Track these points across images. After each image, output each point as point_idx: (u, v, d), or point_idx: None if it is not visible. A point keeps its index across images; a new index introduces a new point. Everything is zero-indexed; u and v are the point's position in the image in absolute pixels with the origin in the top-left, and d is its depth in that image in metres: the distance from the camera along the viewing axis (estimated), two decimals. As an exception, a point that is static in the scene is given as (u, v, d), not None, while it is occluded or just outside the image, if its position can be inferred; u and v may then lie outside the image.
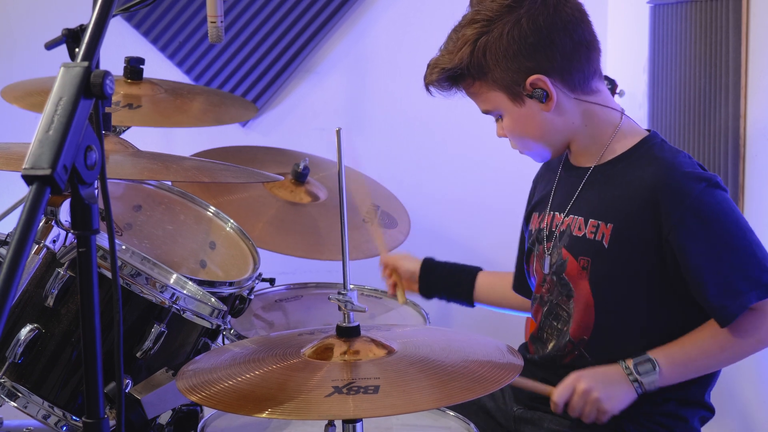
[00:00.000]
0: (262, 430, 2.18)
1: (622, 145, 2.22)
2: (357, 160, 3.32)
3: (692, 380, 2.20)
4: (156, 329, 2.15)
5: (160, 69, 3.73)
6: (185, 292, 2.24)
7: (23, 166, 1.22)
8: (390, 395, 1.65)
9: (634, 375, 2.11)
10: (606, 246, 2.16)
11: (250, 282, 2.53)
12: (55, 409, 2.12)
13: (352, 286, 1.87)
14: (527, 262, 2.41)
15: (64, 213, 2.19)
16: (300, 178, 3.08)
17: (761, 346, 2.17)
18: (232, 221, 2.72)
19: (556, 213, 2.31)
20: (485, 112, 2.27)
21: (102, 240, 2.09)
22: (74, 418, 2.13)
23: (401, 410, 1.68)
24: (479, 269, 2.68)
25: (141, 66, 3.04)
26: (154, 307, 2.16)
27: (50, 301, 2.11)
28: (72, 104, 1.26)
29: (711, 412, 2.27)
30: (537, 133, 2.22)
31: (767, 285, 2.09)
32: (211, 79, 3.85)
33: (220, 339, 2.43)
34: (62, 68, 1.29)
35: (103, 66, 1.34)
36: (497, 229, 3.84)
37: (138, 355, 2.15)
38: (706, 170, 2.16)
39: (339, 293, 1.85)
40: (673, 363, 2.13)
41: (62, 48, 2.44)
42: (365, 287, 3.07)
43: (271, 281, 2.94)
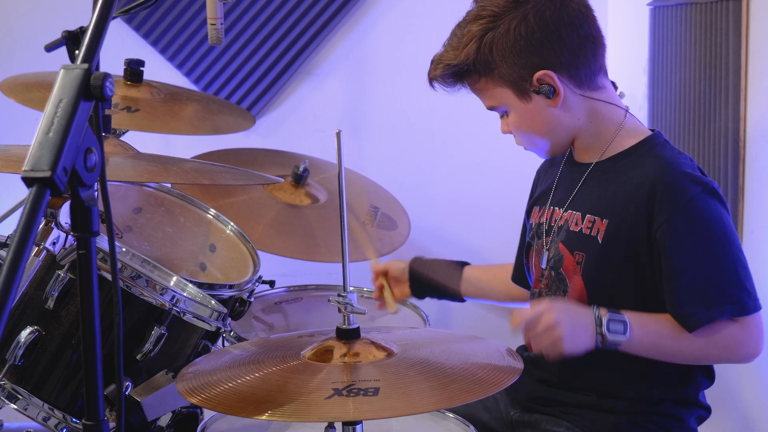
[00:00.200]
0: (262, 432, 2.18)
1: (625, 142, 2.21)
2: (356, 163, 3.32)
3: (686, 380, 2.20)
4: (156, 331, 2.15)
5: (160, 71, 3.73)
6: (185, 294, 2.24)
7: (23, 168, 1.22)
8: (390, 397, 1.65)
9: (602, 328, 2.05)
10: (600, 241, 2.16)
11: (250, 284, 2.54)
12: (55, 411, 2.12)
13: (352, 288, 1.87)
14: (526, 257, 2.41)
15: (64, 215, 2.19)
16: (300, 180, 3.08)
17: (728, 355, 2.14)
18: (232, 224, 2.72)
19: (556, 208, 2.30)
20: (490, 108, 2.25)
21: (102, 242, 2.10)
22: (74, 420, 2.13)
23: (401, 412, 1.67)
24: (466, 264, 2.68)
25: (141, 68, 3.04)
26: (154, 309, 2.17)
27: (50, 304, 2.11)
28: (72, 106, 1.26)
29: (708, 412, 2.27)
30: (543, 129, 2.21)
31: (742, 303, 2.06)
32: (210, 81, 3.85)
33: (220, 341, 2.43)
34: (62, 70, 1.29)
35: (103, 68, 1.34)
36: (497, 231, 3.84)
37: (138, 357, 2.15)
38: (706, 176, 2.14)
39: (339, 295, 1.85)
40: (643, 337, 2.08)
41: (62, 50, 2.44)
42: (365, 289, 3.07)
43: (271, 283, 2.94)
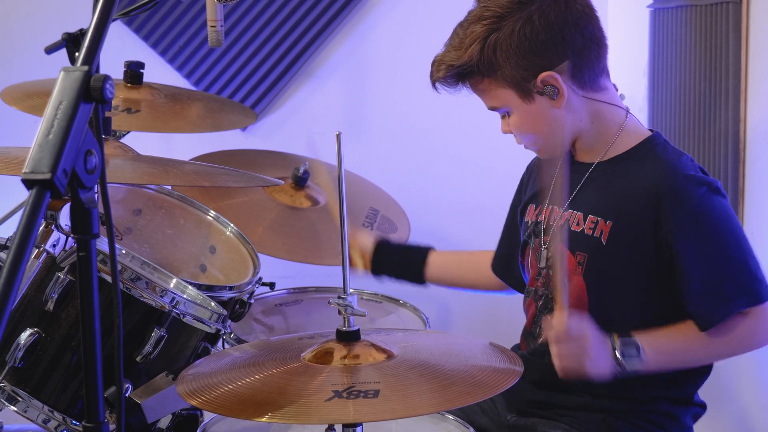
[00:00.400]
0: (262, 435, 2.18)
1: (625, 143, 2.22)
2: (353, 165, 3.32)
3: (682, 379, 2.20)
4: (156, 333, 2.15)
5: (159, 73, 3.73)
6: (185, 296, 2.24)
7: (23, 171, 1.22)
8: (390, 399, 1.65)
9: (618, 355, 2.06)
10: (604, 243, 2.16)
11: (250, 286, 2.53)
12: (55, 413, 2.12)
13: (352, 291, 1.87)
14: (522, 255, 2.40)
15: (64, 217, 2.19)
16: (300, 182, 3.08)
17: (743, 348, 2.16)
18: (232, 225, 2.72)
19: (555, 207, 2.30)
20: (491, 109, 2.25)
21: (102, 244, 2.10)
22: (74, 422, 2.13)
23: (401, 414, 1.68)
24: (431, 248, 2.69)
25: (141, 70, 3.03)
26: (154, 311, 2.16)
27: (50, 306, 2.11)
28: (72, 108, 1.26)
29: (703, 408, 2.28)
30: (545, 130, 2.21)
31: (756, 293, 2.08)
32: (210, 84, 3.85)
33: (220, 343, 2.43)
34: (62, 72, 1.29)
35: (103, 70, 1.34)
36: (497, 233, 3.83)
37: (138, 359, 2.15)
38: (708, 174, 2.16)
39: (339, 297, 1.85)
40: (658, 353, 2.09)
41: (62, 52, 2.44)
42: (365, 291, 3.07)
43: (271, 285, 2.94)
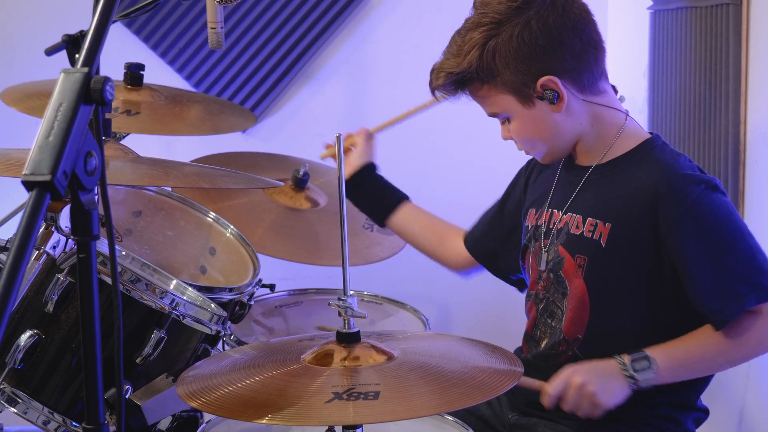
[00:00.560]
0: (262, 436, 2.18)
1: (624, 146, 2.22)
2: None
3: (683, 384, 2.19)
4: (156, 335, 2.15)
5: (160, 75, 3.73)
6: (185, 298, 2.24)
7: (23, 172, 1.22)
8: (390, 401, 1.65)
9: (629, 371, 2.08)
10: (603, 245, 2.16)
11: (250, 288, 2.53)
12: (55, 414, 2.12)
13: (352, 292, 1.87)
14: (523, 259, 2.41)
15: (64, 219, 2.19)
16: (300, 184, 3.08)
17: (761, 349, 2.15)
18: (232, 227, 2.72)
19: (555, 210, 2.30)
20: (491, 115, 2.25)
21: (102, 246, 2.09)
22: (74, 423, 2.13)
23: (401, 416, 1.67)
24: (406, 198, 2.73)
25: (141, 72, 3.03)
26: (154, 312, 2.16)
27: (50, 307, 2.11)
28: (72, 110, 1.26)
29: (705, 414, 2.28)
30: (546, 135, 2.21)
31: (767, 288, 2.08)
32: (211, 85, 3.85)
33: (220, 345, 2.43)
34: (62, 74, 1.29)
35: (103, 72, 1.34)
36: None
37: (138, 360, 2.15)
38: (706, 173, 2.15)
39: (339, 299, 1.85)
40: (671, 361, 2.10)
41: (62, 54, 2.44)
42: (365, 293, 3.07)
43: (271, 287, 2.94)
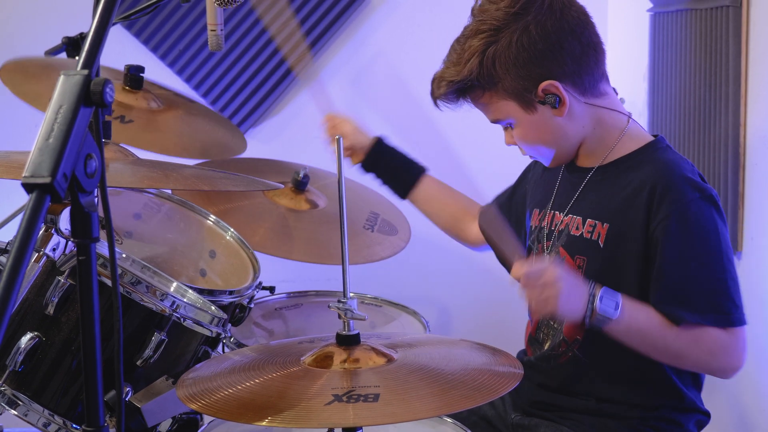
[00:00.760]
0: (261, 439, 2.18)
1: (626, 147, 2.22)
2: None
3: (685, 387, 2.20)
4: (156, 337, 2.15)
5: (160, 77, 3.72)
6: (185, 300, 2.24)
7: (23, 174, 1.22)
8: (390, 403, 1.65)
9: (595, 301, 2.04)
10: (601, 245, 2.16)
11: (250, 290, 2.53)
12: (56, 417, 2.12)
13: (351, 295, 1.87)
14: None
15: (64, 221, 2.19)
16: (300, 186, 3.08)
17: (711, 360, 2.11)
18: (232, 230, 2.72)
19: (557, 212, 2.31)
20: (494, 122, 2.25)
21: (102, 248, 2.09)
22: (74, 426, 2.13)
23: (401, 418, 1.67)
24: (426, 169, 2.72)
25: (141, 74, 3.03)
26: (154, 315, 2.16)
27: (50, 309, 2.11)
28: (72, 112, 1.26)
29: (707, 417, 2.27)
30: (550, 139, 2.21)
31: (728, 314, 2.05)
32: (211, 88, 3.86)
33: (220, 347, 2.43)
34: (62, 76, 1.29)
35: (103, 74, 1.34)
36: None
37: (138, 363, 2.15)
38: (706, 182, 2.14)
39: (339, 301, 1.85)
40: (632, 321, 2.06)
41: (62, 56, 2.44)
42: (365, 295, 3.07)
43: (271, 289, 2.94)
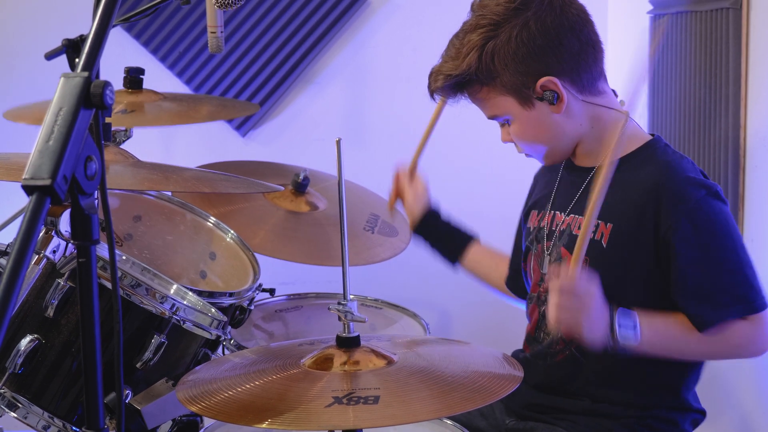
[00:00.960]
0: (262, 441, 2.18)
1: (625, 147, 2.22)
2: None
3: (681, 385, 2.20)
4: (156, 340, 2.15)
5: (160, 79, 3.73)
6: (185, 302, 2.24)
7: (23, 177, 1.22)
8: (390, 406, 1.65)
9: (615, 331, 2.04)
10: (605, 246, 2.16)
11: (250, 292, 2.53)
12: (55, 419, 2.12)
13: (352, 297, 1.87)
14: (524, 261, 2.40)
15: (64, 223, 2.19)
16: (300, 188, 3.08)
17: (739, 352, 2.18)
18: (232, 232, 2.72)
19: (557, 212, 2.30)
20: (491, 118, 2.25)
21: (102, 250, 2.09)
22: (74, 428, 2.13)
23: (401, 420, 1.68)
24: (476, 237, 2.69)
25: (141, 76, 3.04)
26: (154, 317, 2.16)
27: (50, 312, 2.11)
28: (72, 114, 1.26)
29: (702, 415, 2.27)
30: (546, 136, 2.21)
31: (752, 302, 2.08)
32: (211, 90, 3.86)
33: (220, 349, 2.43)
34: (62, 78, 1.30)
35: (103, 76, 1.34)
36: (498, 239, 3.82)
37: (138, 365, 2.14)
38: (708, 178, 2.16)
39: (339, 303, 1.85)
40: (652, 339, 2.07)
41: (62, 58, 2.44)
42: (365, 298, 3.07)
43: (271, 291, 2.94)
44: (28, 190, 1.22)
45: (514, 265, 2.53)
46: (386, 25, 3.84)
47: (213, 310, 2.32)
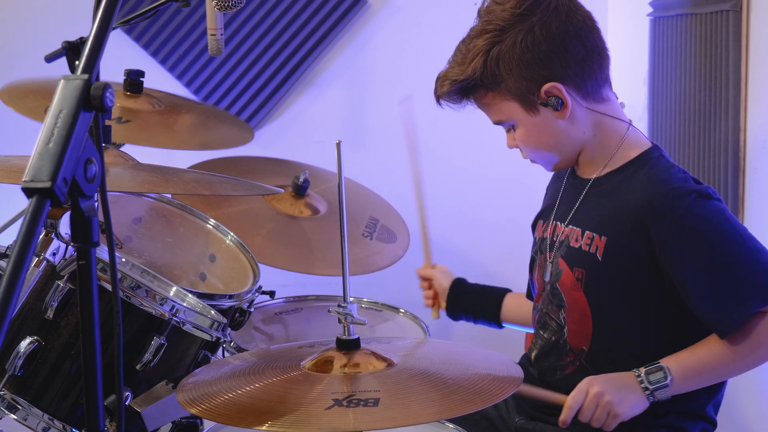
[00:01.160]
0: (261, 443, 2.17)
1: (624, 157, 2.22)
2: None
3: (693, 393, 2.18)
4: (156, 342, 2.14)
5: (159, 82, 3.73)
6: (185, 304, 2.24)
7: (23, 179, 1.22)
8: (390, 408, 1.65)
9: (645, 383, 2.08)
10: (600, 258, 2.16)
11: (249, 295, 2.53)
12: (55, 421, 2.12)
13: (352, 299, 1.87)
14: (531, 272, 2.41)
15: (64, 225, 2.19)
16: (300, 191, 3.08)
17: None
18: (231, 234, 2.72)
19: (558, 223, 2.31)
20: (497, 123, 2.25)
21: (102, 252, 2.10)
22: (74, 430, 2.12)
23: (401, 423, 1.67)
24: (507, 290, 2.67)
25: (141, 79, 3.03)
26: (153, 319, 2.16)
27: (50, 314, 2.11)
28: (72, 117, 1.26)
29: (713, 425, 2.26)
30: (550, 142, 2.21)
31: None
32: (211, 92, 3.86)
33: (220, 351, 2.43)
34: (62, 81, 1.29)
35: (103, 78, 1.34)
36: (498, 243, 3.83)
37: (138, 367, 2.14)
38: (700, 183, 2.14)
39: (339, 306, 1.85)
40: (684, 371, 2.09)
41: (62, 61, 2.44)
42: (365, 300, 3.07)
43: (271, 294, 2.94)
44: (28, 192, 1.22)
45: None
46: (386, 27, 3.85)
47: (213, 312, 2.32)
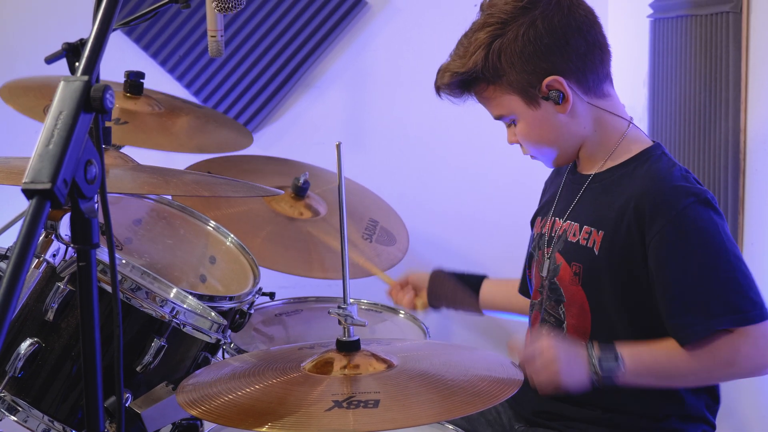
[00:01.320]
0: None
1: (624, 153, 2.21)
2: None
3: (692, 397, 2.18)
4: (156, 343, 2.15)
5: (160, 83, 3.73)
6: (185, 306, 2.24)
7: (23, 180, 1.22)
8: (390, 409, 1.65)
9: (595, 367, 2.04)
10: (596, 253, 2.15)
11: (250, 296, 2.53)
12: (56, 423, 2.12)
13: (352, 300, 1.87)
14: (528, 267, 2.41)
15: (64, 227, 2.19)
16: (300, 192, 3.08)
17: (733, 370, 2.09)
18: (232, 235, 2.72)
19: (557, 218, 2.30)
20: (497, 118, 2.25)
21: (102, 254, 2.09)
22: (74, 432, 2.13)
23: (401, 424, 1.67)
24: (485, 277, 2.68)
25: (141, 80, 3.03)
26: (154, 321, 2.16)
27: (50, 315, 2.11)
28: (72, 118, 1.26)
29: (713, 428, 2.25)
30: (551, 137, 2.21)
31: (745, 313, 2.01)
32: (211, 94, 3.86)
33: (220, 353, 2.43)
34: (62, 82, 1.29)
35: (103, 80, 1.34)
36: (498, 243, 3.83)
37: (138, 369, 2.14)
38: (702, 185, 2.12)
39: (339, 307, 1.85)
40: (637, 366, 2.05)
41: (62, 62, 2.44)
42: (365, 301, 3.07)
43: (271, 295, 2.94)
44: (28, 193, 1.22)
45: (525, 269, 2.54)
46: (386, 28, 3.85)
47: (213, 313, 2.32)
